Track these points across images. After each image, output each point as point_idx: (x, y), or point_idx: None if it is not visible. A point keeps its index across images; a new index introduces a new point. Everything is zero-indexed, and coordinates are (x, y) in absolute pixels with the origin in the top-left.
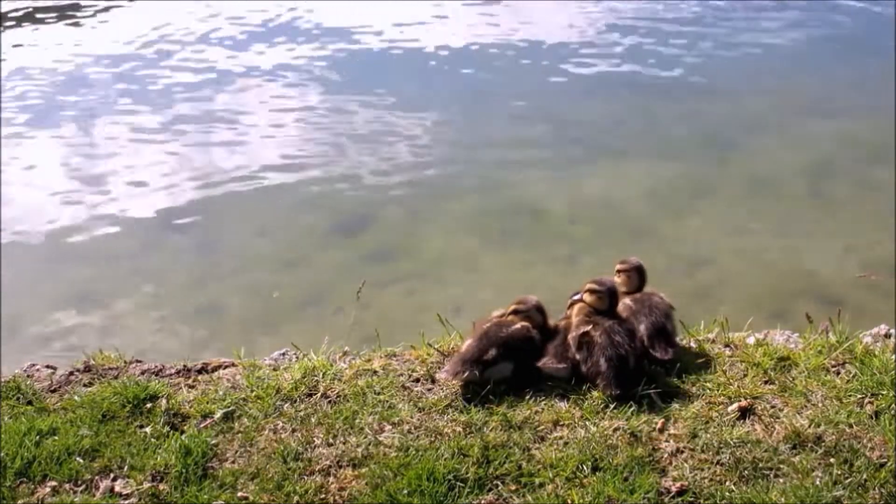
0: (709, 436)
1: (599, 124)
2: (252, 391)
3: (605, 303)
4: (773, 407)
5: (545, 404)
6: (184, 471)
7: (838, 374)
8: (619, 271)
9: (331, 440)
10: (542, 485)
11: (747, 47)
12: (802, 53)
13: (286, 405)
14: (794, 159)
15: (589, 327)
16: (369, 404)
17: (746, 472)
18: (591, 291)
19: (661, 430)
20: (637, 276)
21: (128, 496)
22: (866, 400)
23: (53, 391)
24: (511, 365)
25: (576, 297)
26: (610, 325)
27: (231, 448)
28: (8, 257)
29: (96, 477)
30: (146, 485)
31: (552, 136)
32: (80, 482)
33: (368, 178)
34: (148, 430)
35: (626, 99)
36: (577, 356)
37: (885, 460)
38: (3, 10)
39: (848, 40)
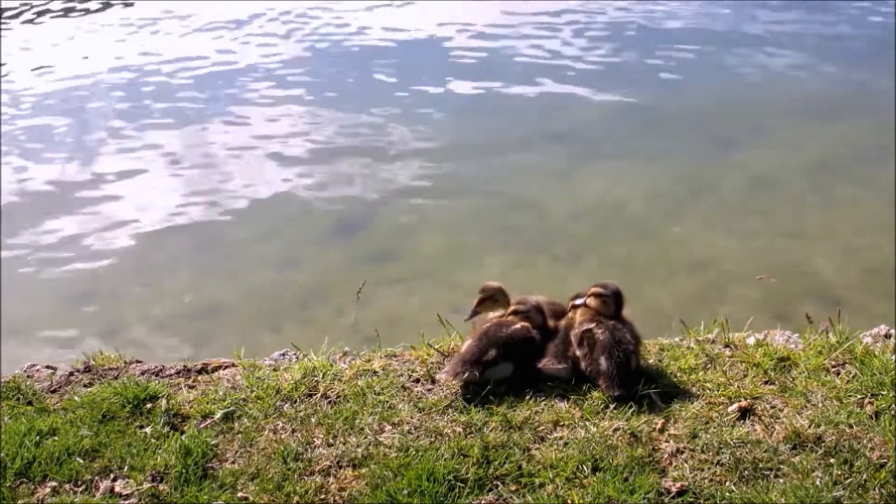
0: (709, 436)
1: (600, 124)
2: (252, 391)
3: (610, 307)
4: (773, 407)
5: (545, 404)
6: (184, 471)
7: (838, 374)
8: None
9: (331, 440)
10: (542, 485)
11: (748, 47)
12: (803, 53)
13: (286, 405)
14: (794, 159)
15: (593, 325)
16: (369, 405)
17: (746, 472)
18: (596, 296)
19: (661, 431)
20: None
21: (128, 496)
22: (866, 400)
23: (53, 391)
24: (511, 365)
25: (578, 302)
26: (613, 324)
27: (231, 448)
28: (8, 257)
29: (96, 477)
30: (146, 485)
31: (552, 135)
32: (80, 482)
33: (368, 178)
34: (148, 430)
35: (627, 98)
36: (578, 352)
37: (885, 460)
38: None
39: (848, 40)
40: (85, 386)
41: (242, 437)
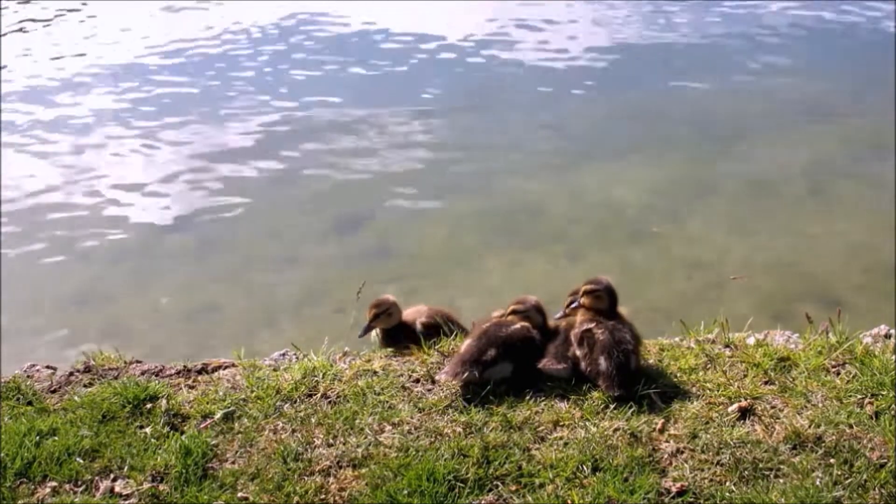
0: (709, 436)
1: (600, 124)
2: (252, 392)
3: (604, 301)
4: (773, 407)
5: (545, 405)
6: (184, 471)
7: (838, 374)
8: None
9: (331, 441)
10: (542, 485)
11: (748, 47)
12: (803, 53)
13: (286, 406)
14: (794, 159)
15: (592, 325)
16: (369, 405)
17: (746, 472)
18: (588, 292)
19: (661, 431)
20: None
21: (128, 496)
22: (866, 400)
23: (53, 391)
24: (511, 365)
25: (574, 306)
26: (613, 324)
27: (231, 448)
28: (8, 257)
29: (96, 477)
30: (146, 485)
31: (552, 135)
32: (80, 482)
33: (368, 177)
34: (148, 430)
35: (627, 99)
36: (578, 352)
37: (885, 461)
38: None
39: (848, 39)
40: (85, 386)
41: (242, 437)
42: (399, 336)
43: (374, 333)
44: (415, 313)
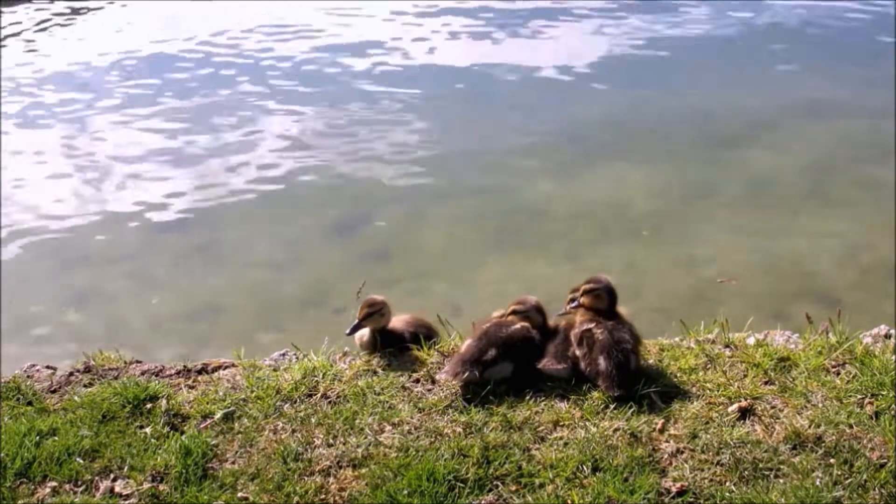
0: (709, 436)
1: (600, 125)
2: (252, 392)
3: (603, 300)
4: (773, 407)
5: (545, 405)
6: (184, 471)
7: (838, 374)
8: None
9: (331, 441)
10: (542, 485)
11: (747, 47)
12: (802, 53)
13: (286, 406)
14: (794, 159)
15: (592, 325)
16: (369, 405)
17: (746, 472)
18: (588, 291)
19: (661, 431)
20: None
21: (128, 497)
22: (866, 400)
23: (53, 392)
24: (511, 365)
25: (573, 306)
26: (612, 324)
27: (231, 448)
28: (9, 257)
29: (96, 477)
30: (146, 485)
31: (552, 136)
32: (80, 483)
33: (369, 178)
34: (148, 430)
35: (627, 99)
36: (578, 352)
37: (885, 461)
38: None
39: (848, 40)
40: (85, 386)
41: (242, 437)
42: (386, 341)
43: (356, 338)
44: (398, 321)
